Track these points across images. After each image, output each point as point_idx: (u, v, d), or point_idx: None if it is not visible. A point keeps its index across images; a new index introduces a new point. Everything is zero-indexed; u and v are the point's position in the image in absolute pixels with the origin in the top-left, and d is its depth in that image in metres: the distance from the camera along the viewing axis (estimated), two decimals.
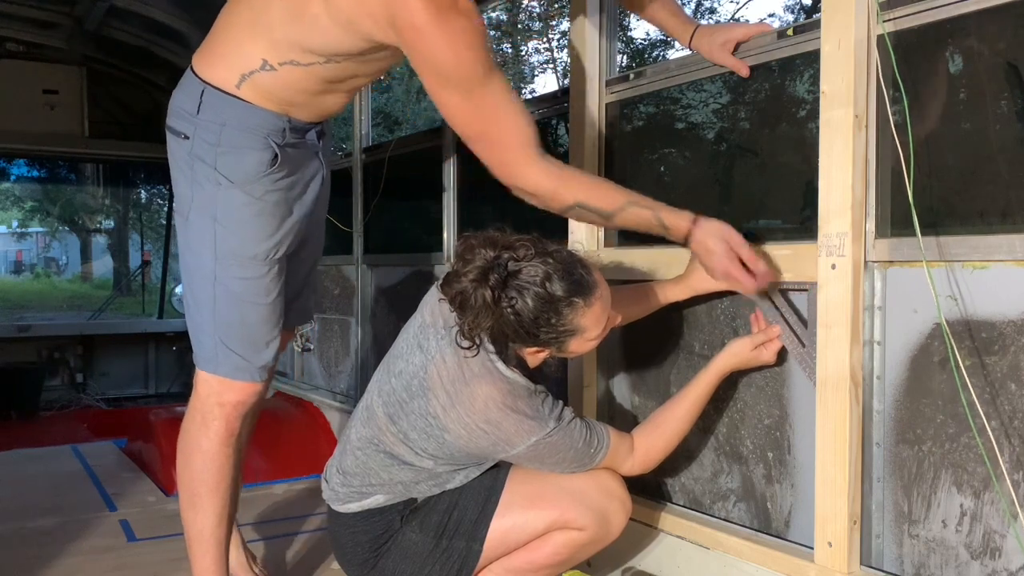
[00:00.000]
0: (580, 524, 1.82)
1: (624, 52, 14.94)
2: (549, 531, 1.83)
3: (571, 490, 1.83)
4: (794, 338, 1.81)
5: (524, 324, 1.65)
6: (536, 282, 1.62)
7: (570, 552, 1.86)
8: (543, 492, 1.83)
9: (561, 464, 1.81)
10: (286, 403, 4.20)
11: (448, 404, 1.73)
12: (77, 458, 3.97)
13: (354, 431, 1.91)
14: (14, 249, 25.65)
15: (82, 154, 6.26)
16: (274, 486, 3.48)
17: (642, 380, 2.27)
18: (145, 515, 3.07)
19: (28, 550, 2.67)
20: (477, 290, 1.61)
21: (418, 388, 1.77)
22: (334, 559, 2.60)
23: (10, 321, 8.20)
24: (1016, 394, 1.46)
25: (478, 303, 1.61)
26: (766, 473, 1.94)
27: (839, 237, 1.65)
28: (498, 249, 1.63)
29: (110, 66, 5.94)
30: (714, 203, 2.12)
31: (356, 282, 3.66)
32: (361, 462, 1.87)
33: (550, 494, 1.83)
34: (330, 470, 1.98)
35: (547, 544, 1.84)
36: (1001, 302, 1.47)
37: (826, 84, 1.67)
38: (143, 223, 10.98)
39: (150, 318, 7.06)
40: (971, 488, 1.53)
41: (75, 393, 6.21)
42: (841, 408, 1.66)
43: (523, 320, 1.64)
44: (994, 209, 1.51)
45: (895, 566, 1.66)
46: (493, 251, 1.63)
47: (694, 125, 2.22)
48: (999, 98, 1.50)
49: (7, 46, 5.53)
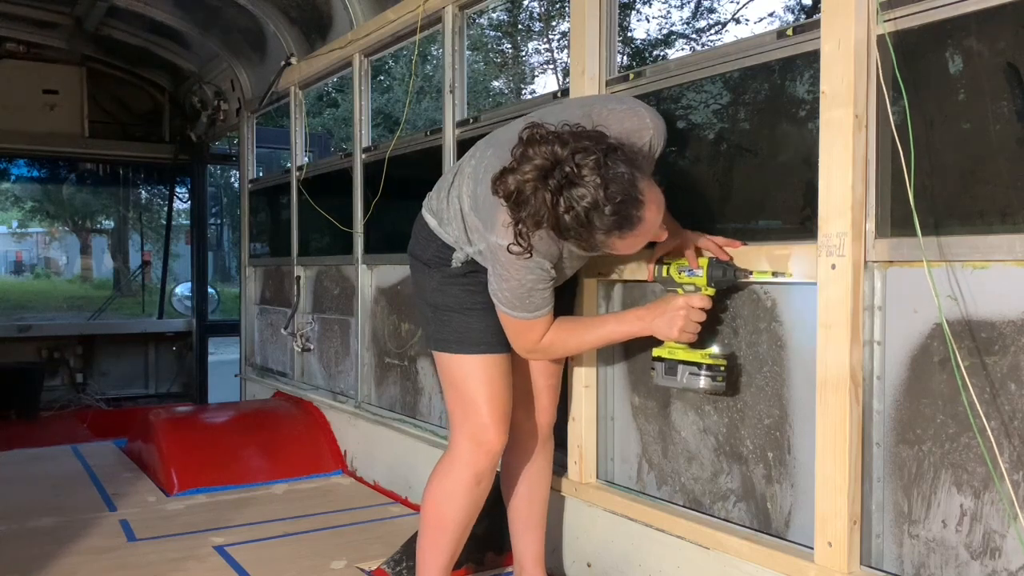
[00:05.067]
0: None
1: (624, 52, 14.94)
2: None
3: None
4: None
5: (559, 225, 1.65)
6: (582, 205, 1.60)
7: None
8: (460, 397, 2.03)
9: (505, 283, 1.83)
10: (286, 403, 4.20)
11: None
12: (77, 458, 3.97)
13: (465, 184, 1.95)
14: (14, 249, 25.65)
15: (82, 154, 6.26)
16: (274, 486, 3.48)
17: (642, 380, 2.27)
18: (145, 515, 3.08)
19: (28, 550, 2.67)
20: (531, 186, 1.61)
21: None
22: (334, 559, 2.60)
23: (10, 321, 8.19)
24: (1016, 394, 1.46)
25: (528, 198, 1.62)
26: (766, 473, 1.94)
27: (839, 237, 1.65)
28: (566, 149, 1.60)
29: (110, 66, 5.94)
30: (714, 203, 2.12)
31: (356, 282, 3.66)
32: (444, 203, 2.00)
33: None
34: (440, 184, 2.08)
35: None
36: (1001, 302, 1.47)
37: (826, 84, 1.67)
38: (143, 223, 10.97)
39: (150, 318, 7.04)
40: (971, 488, 1.53)
41: (75, 393, 6.21)
42: (841, 408, 1.66)
43: (559, 222, 1.64)
44: (994, 209, 1.51)
45: (895, 566, 1.66)
46: (561, 149, 1.60)
47: (694, 125, 2.22)
48: (999, 98, 1.50)
49: (7, 46, 5.53)
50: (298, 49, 4.24)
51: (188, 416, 4.37)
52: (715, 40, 15.01)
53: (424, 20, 3.09)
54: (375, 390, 3.60)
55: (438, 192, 2.04)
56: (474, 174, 1.89)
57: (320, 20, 3.97)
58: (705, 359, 1.90)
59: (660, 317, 1.89)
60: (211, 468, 3.50)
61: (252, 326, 5.07)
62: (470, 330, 1.99)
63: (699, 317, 1.88)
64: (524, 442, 2.20)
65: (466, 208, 1.90)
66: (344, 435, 3.77)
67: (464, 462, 2.01)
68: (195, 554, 2.66)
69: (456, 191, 1.94)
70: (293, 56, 4.27)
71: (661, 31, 15.59)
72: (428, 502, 2.06)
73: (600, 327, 2.02)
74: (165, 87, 6.18)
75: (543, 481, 2.24)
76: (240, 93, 5.07)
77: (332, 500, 3.30)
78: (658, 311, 1.90)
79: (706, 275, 1.89)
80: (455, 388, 2.03)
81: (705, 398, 2.07)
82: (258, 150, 5.18)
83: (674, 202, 1.79)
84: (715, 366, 1.90)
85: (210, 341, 6.42)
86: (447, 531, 2.03)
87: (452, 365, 2.02)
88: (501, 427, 2.00)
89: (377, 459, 3.47)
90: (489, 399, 1.99)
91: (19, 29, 5.40)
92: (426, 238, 2.04)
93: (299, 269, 4.31)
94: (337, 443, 3.79)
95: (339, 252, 3.87)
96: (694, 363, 1.90)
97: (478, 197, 1.86)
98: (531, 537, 2.24)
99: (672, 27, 15.52)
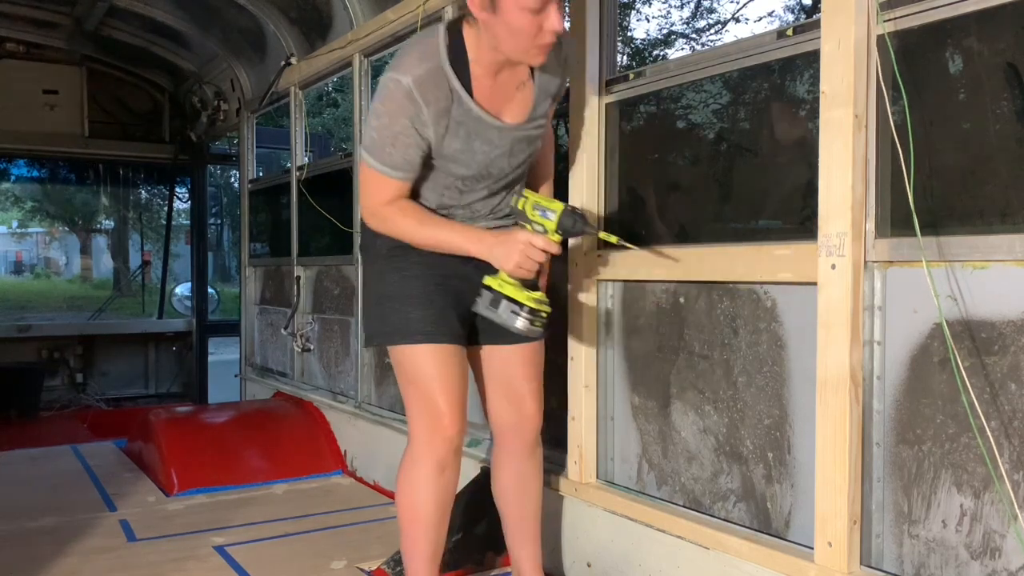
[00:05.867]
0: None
1: (624, 52, 14.94)
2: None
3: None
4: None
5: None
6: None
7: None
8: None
9: (375, 120, 1.85)
10: (286, 403, 4.21)
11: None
12: (77, 458, 3.97)
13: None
14: (14, 249, 25.64)
15: (82, 154, 6.25)
16: (274, 486, 3.48)
17: (642, 380, 2.27)
18: (145, 515, 3.08)
19: (28, 550, 2.67)
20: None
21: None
22: (334, 559, 2.60)
23: (10, 321, 8.19)
24: (1016, 394, 1.46)
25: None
26: (766, 473, 1.94)
27: (839, 237, 1.65)
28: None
29: (110, 66, 5.94)
30: (714, 203, 2.12)
31: (356, 282, 3.66)
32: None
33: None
34: None
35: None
36: (1001, 302, 1.47)
37: (826, 84, 1.67)
38: (143, 223, 10.97)
39: (150, 318, 7.05)
40: (971, 488, 1.53)
41: (75, 393, 6.21)
42: (841, 408, 1.66)
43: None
44: (994, 209, 1.51)
45: (895, 566, 1.66)
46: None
47: (694, 125, 2.22)
48: (999, 98, 1.50)
49: (7, 46, 5.53)
50: (298, 49, 4.24)
51: (188, 416, 4.37)
52: (715, 40, 15.01)
53: (424, 20, 3.09)
54: (375, 390, 3.60)
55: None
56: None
57: (320, 20, 3.97)
58: (530, 301, 1.86)
59: (501, 246, 1.87)
60: (211, 468, 3.50)
61: (252, 326, 5.07)
62: (409, 319, 1.97)
63: (538, 256, 1.86)
64: (511, 443, 2.16)
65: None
66: (344, 435, 3.77)
67: (425, 453, 1.99)
68: (195, 554, 2.66)
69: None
70: (293, 56, 4.27)
71: (661, 31, 15.60)
72: (398, 499, 2.06)
73: (442, 229, 1.95)
74: (165, 87, 6.17)
75: (534, 489, 2.19)
76: (240, 93, 5.07)
77: (332, 500, 3.30)
78: (501, 239, 1.89)
79: (557, 220, 1.87)
80: (407, 379, 2.02)
81: (705, 398, 2.07)
82: (258, 150, 5.18)
83: (675, 202, 1.79)
84: (537, 311, 1.87)
85: (210, 341, 6.43)
86: (421, 523, 2.01)
87: (401, 358, 2.01)
88: (457, 414, 1.98)
89: (377, 459, 3.47)
90: (442, 388, 1.96)
91: (19, 29, 5.40)
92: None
93: (299, 269, 4.31)
94: (337, 443, 3.79)
95: (339, 252, 3.87)
96: (518, 302, 1.87)
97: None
98: (526, 545, 2.20)
99: (672, 27, 15.53)
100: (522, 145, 1.97)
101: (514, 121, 1.92)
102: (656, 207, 2.30)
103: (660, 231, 2.26)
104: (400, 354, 2.01)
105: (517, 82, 1.92)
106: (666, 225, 2.25)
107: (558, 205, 1.88)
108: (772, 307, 1.91)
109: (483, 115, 1.87)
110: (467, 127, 1.87)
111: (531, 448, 2.16)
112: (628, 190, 2.34)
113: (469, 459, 2.64)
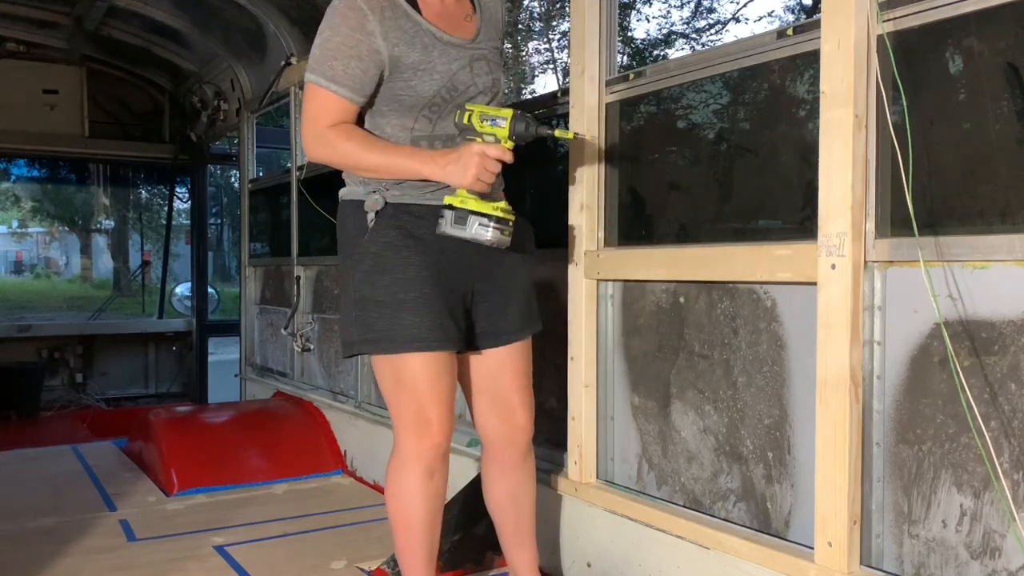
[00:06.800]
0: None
1: (624, 52, 14.95)
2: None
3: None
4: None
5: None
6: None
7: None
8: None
9: (320, 35, 1.96)
10: (286, 403, 4.21)
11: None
12: (77, 458, 3.97)
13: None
14: (14, 249, 25.64)
15: (82, 154, 6.26)
16: (274, 486, 3.48)
17: (642, 380, 2.27)
18: (145, 515, 3.08)
19: (28, 550, 2.67)
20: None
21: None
22: (334, 559, 2.60)
23: (10, 321, 8.19)
24: (1016, 394, 1.46)
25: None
26: (766, 473, 1.94)
27: (839, 237, 1.65)
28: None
29: (110, 66, 5.94)
30: (714, 202, 2.12)
31: None
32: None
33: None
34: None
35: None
36: (1001, 302, 1.47)
37: (826, 84, 1.67)
38: (143, 223, 10.97)
39: (150, 318, 7.04)
40: (971, 488, 1.53)
41: (75, 393, 6.21)
42: (841, 408, 1.66)
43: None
44: (994, 209, 1.51)
45: (895, 566, 1.66)
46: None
47: (694, 125, 2.22)
48: (999, 98, 1.50)
49: (7, 46, 5.53)
50: (298, 49, 4.24)
51: (188, 416, 4.37)
52: (715, 40, 15.02)
53: None
54: (375, 390, 3.60)
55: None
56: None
57: (320, 20, 3.96)
58: (496, 211, 1.83)
59: (455, 163, 1.82)
60: (211, 468, 3.50)
61: (252, 326, 5.07)
62: (402, 326, 1.89)
63: (494, 167, 1.82)
64: (501, 454, 2.12)
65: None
66: (344, 435, 3.77)
67: (412, 459, 1.94)
68: (195, 554, 2.66)
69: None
70: (293, 56, 4.26)
71: (661, 31, 15.61)
72: (389, 506, 2.02)
73: (389, 152, 1.90)
74: (165, 87, 6.17)
75: (528, 497, 2.16)
76: (240, 93, 5.07)
77: (332, 500, 3.30)
78: (453, 156, 1.84)
79: (508, 127, 1.83)
80: (393, 386, 1.95)
81: (705, 398, 2.07)
82: (258, 150, 5.19)
83: (675, 202, 1.79)
84: (504, 219, 1.83)
85: (210, 341, 6.43)
86: (414, 529, 1.98)
87: (388, 366, 1.93)
88: (446, 421, 1.93)
89: (377, 459, 3.47)
90: (433, 397, 1.91)
91: (19, 29, 5.39)
92: (344, 217, 2.00)
93: (299, 269, 4.31)
94: (337, 443, 3.79)
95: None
96: (484, 214, 1.82)
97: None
98: (523, 550, 2.17)
99: (672, 27, 15.54)
100: (481, 64, 1.97)
101: (465, 38, 1.96)
102: (656, 207, 2.30)
103: (660, 231, 2.26)
104: (387, 363, 1.93)
105: (464, 13, 1.99)
106: (666, 225, 2.25)
107: (507, 112, 1.84)
108: (772, 307, 1.91)
109: (433, 29, 1.90)
110: (421, 40, 1.89)
111: (523, 458, 2.12)
112: (628, 190, 2.34)
113: (469, 459, 2.65)
